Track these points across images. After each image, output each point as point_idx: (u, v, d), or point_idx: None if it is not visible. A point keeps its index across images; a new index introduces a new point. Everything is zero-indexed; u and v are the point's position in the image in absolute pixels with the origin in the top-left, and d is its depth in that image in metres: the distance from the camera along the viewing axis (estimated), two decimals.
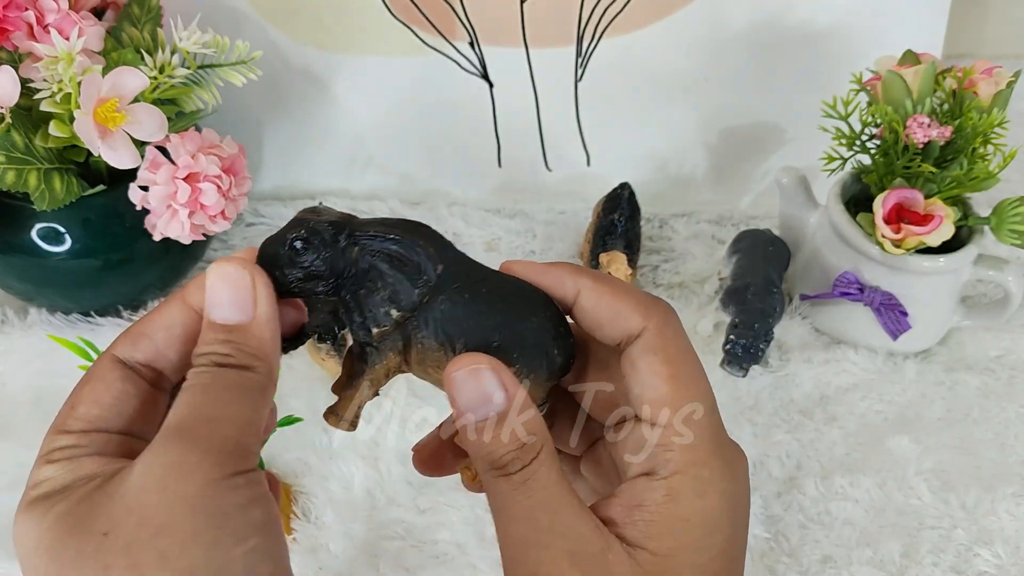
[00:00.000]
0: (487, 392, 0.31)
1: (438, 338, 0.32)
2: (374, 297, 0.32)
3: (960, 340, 0.72)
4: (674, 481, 0.32)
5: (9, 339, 0.68)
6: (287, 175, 0.82)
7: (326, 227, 0.32)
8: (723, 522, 0.32)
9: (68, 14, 0.59)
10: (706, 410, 0.33)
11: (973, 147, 0.62)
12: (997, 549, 0.58)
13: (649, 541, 0.31)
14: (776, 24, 0.77)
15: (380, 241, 0.32)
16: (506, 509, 0.31)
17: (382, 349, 0.32)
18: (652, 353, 0.33)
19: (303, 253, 0.32)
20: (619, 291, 0.34)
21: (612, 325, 0.34)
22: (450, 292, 0.32)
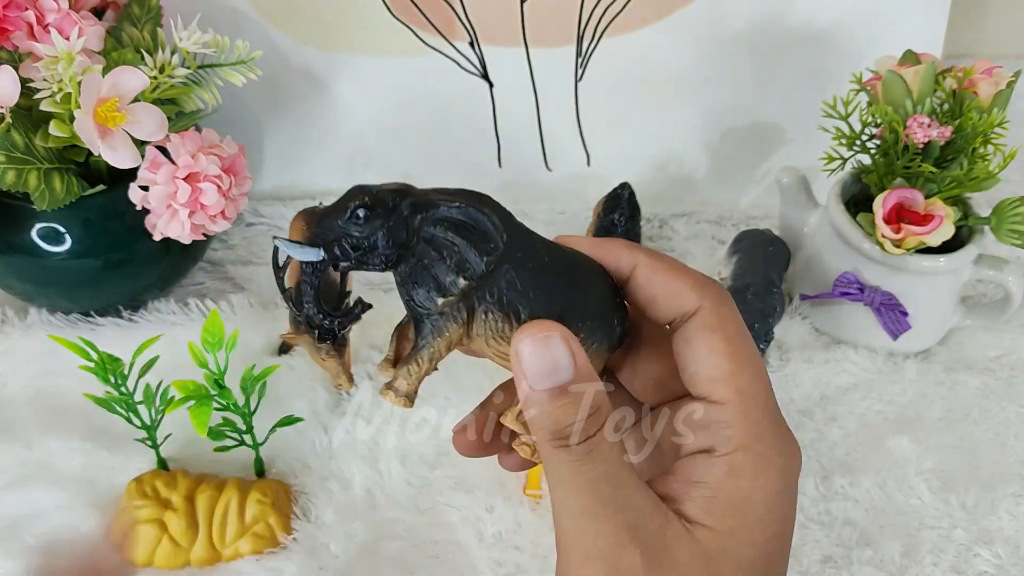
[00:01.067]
0: (556, 360, 0.31)
1: (503, 308, 0.31)
2: (440, 265, 0.31)
3: (960, 340, 0.72)
4: (735, 458, 0.32)
5: (9, 339, 0.68)
6: (287, 175, 0.82)
7: (389, 194, 0.31)
8: (781, 501, 0.32)
9: (68, 14, 0.59)
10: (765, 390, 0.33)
11: (973, 147, 0.62)
12: (997, 549, 0.58)
13: (709, 518, 0.31)
14: (776, 24, 0.77)
15: (445, 208, 0.31)
16: (567, 481, 0.31)
17: (445, 320, 0.31)
18: (710, 331, 0.33)
19: (366, 223, 0.30)
20: (676, 268, 0.34)
21: (667, 302, 0.33)
22: (514, 262, 0.31)
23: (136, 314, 0.70)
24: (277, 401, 0.64)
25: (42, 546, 0.57)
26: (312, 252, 0.31)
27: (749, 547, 0.31)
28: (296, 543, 0.58)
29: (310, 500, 0.60)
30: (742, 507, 0.31)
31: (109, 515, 0.59)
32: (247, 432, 0.59)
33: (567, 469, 0.31)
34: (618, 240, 0.35)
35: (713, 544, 0.31)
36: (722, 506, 0.31)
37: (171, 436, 0.60)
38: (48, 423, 0.63)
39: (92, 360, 0.55)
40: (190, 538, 0.57)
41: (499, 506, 0.59)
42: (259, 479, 0.60)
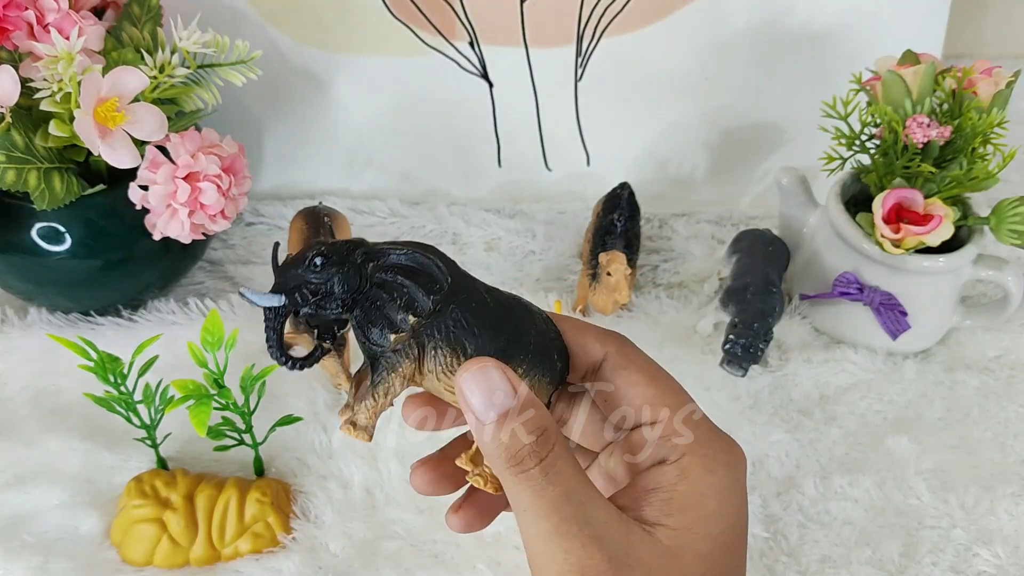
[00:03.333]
0: (495, 388, 0.33)
1: (450, 344, 0.34)
2: (391, 305, 0.34)
3: (959, 340, 0.72)
4: (684, 462, 0.34)
5: (9, 339, 0.68)
6: (287, 175, 0.82)
7: (343, 245, 0.34)
8: (732, 494, 0.35)
9: (68, 14, 0.59)
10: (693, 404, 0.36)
11: (972, 147, 0.62)
12: (996, 549, 0.58)
13: (667, 518, 0.34)
14: (776, 24, 0.77)
15: (394, 255, 0.34)
16: (531, 505, 0.33)
17: (398, 357, 0.34)
18: (623, 368, 0.36)
19: (322, 270, 0.34)
20: (577, 326, 0.37)
21: (576, 356, 0.37)
22: (459, 302, 0.34)
23: (136, 314, 0.70)
24: (276, 400, 0.64)
25: (42, 545, 0.57)
26: (275, 299, 0.34)
27: (706, 539, 0.34)
28: (295, 542, 0.58)
29: (309, 499, 0.60)
30: (695, 503, 0.34)
31: (109, 514, 0.59)
32: (246, 431, 0.59)
33: (529, 495, 0.33)
34: None
35: (673, 541, 0.33)
36: (677, 505, 0.34)
37: (171, 435, 0.60)
38: (48, 422, 0.63)
39: (92, 359, 0.55)
40: (190, 537, 0.57)
41: None
42: (258, 478, 0.60)
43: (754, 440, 0.64)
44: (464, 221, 0.80)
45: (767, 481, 0.62)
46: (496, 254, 0.78)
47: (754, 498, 0.61)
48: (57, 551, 0.57)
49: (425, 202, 0.82)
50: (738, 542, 0.35)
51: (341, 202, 0.80)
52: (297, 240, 0.67)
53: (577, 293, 0.74)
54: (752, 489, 0.62)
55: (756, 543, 0.59)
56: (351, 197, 0.82)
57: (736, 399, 0.67)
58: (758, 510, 0.60)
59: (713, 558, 0.34)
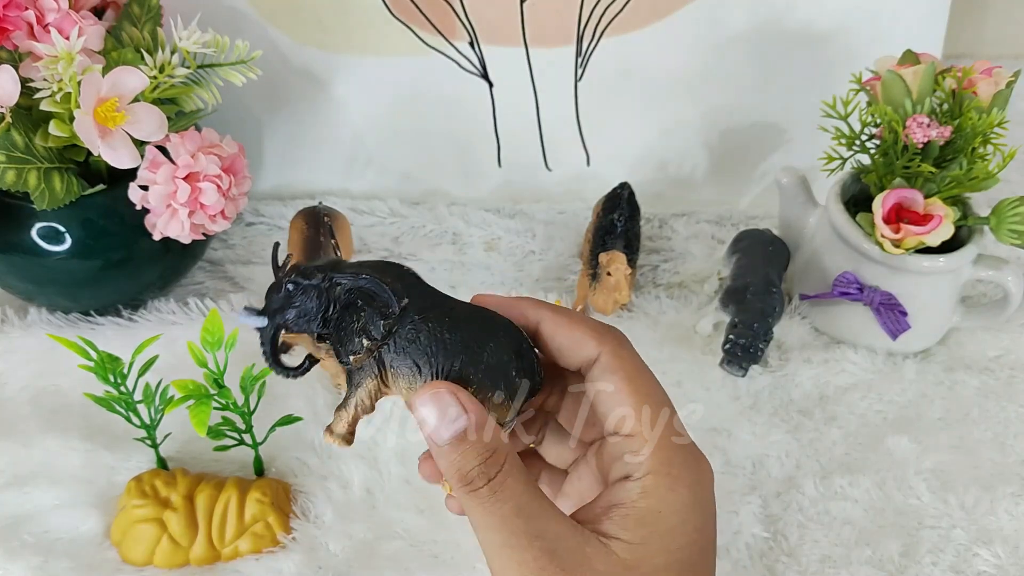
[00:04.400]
0: (447, 411, 0.35)
1: (405, 363, 0.36)
2: (351, 328, 0.37)
3: (959, 340, 0.72)
4: (647, 481, 0.35)
5: (9, 338, 0.68)
6: (287, 175, 0.82)
7: (314, 271, 0.37)
8: (693, 513, 0.35)
9: (68, 13, 0.59)
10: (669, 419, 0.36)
11: (972, 147, 0.62)
12: (996, 549, 0.58)
13: (624, 532, 0.34)
14: (776, 24, 0.77)
15: (353, 280, 0.37)
16: (483, 521, 0.34)
17: (362, 374, 0.37)
18: (611, 373, 0.37)
19: (296, 294, 0.37)
20: (576, 321, 0.38)
21: (571, 351, 0.38)
22: (416, 322, 0.36)
23: (136, 313, 0.70)
24: (276, 400, 0.64)
25: (42, 545, 0.57)
26: (259, 320, 0.37)
27: (662, 553, 0.34)
28: (295, 542, 0.58)
29: (309, 499, 0.60)
30: (653, 520, 0.35)
31: (109, 514, 0.59)
32: (246, 431, 0.59)
33: (480, 511, 0.34)
34: (527, 299, 0.39)
35: (628, 554, 0.34)
36: (634, 520, 0.35)
37: (170, 435, 0.60)
38: (48, 422, 0.63)
39: (92, 359, 0.55)
40: (190, 537, 0.57)
41: None
42: (258, 478, 0.60)
43: (754, 440, 0.64)
44: (464, 221, 0.80)
45: (767, 481, 0.62)
46: (496, 254, 0.78)
47: (754, 498, 0.61)
48: (57, 551, 0.57)
49: (425, 202, 0.82)
50: (701, 559, 0.36)
51: (341, 202, 0.80)
52: (297, 240, 0.67)
53: (577, 293, 0.74)
54: (752, 489, 0.62)
55: (756, 543, 0.59)
56: (351, 197, 0.82)
57: (736, 399, 0.67)
58: (758, 510, 0.60)
59: (670, 572, 0.34)
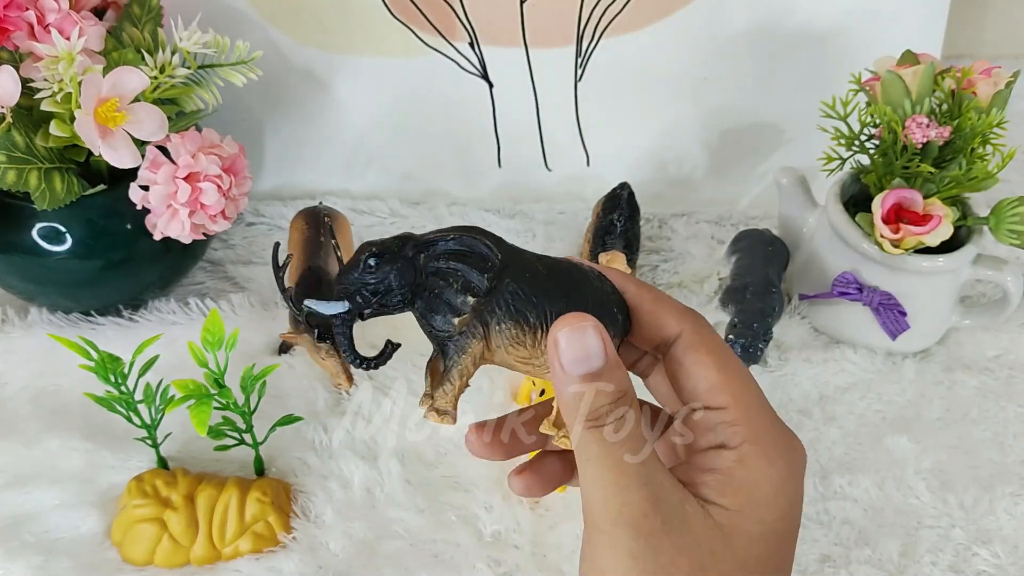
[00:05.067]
0: (589, 349, 0.34)
1: (512, 317, 0.35)
2: (449, 291, 0.35)
3: (959, 340, 0.72)
4: (743, 449, 0.35)
5: (9, 338, 0.68)
6: (287, 175, 0.83)
7: (393, 241, 0.35)
8: (788, 486, 0.35)
9: (69, 14, 0.59)
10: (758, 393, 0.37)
11: (972, 147, 0.63)
12: (995, 548, 0.58)
13: (722, 498, 0.34)
14: (776, 24, 0.77)
15: (442, 243, 0.35)
16: (597, 456, 0.34)
17: (465, 338, 0.35)
18: (695, 349, 0.36)
19: (377, 270, 0.35)
20: (658, 297, 0.37)
21: (652, 327, 0.37)
22: (517, 275, 0.35)
23: (136, 313, 0.70)
24: (277, 400, 0.64)
25: (43, 545, 0.57)
26: (338, 305, 0.35)
27: (758, 524, 0.35)
28: (295, 542, 0.58)
29: (310, 499, 0.60)
30: (750, 489, 0.35)
31: (109, 514, 0.59)
32: (247, 431, 0.59)
33: (598, 446, 0.34)
34: (611, 269, 0.38)
35: (725, 520, 0.34)
36: (733, 488, 0.35)
37: (171, 435, 0.60)
38: (48, 422, 0.63)
39: (92, 359, 0.55)
40: (190, 537, 0.57)
41: (498, 505, 0.60)
42: (259, 478, 0.61)
43: None
44: (464, 221, 0.80)
45: None
46: None
47: None
48: (58, 551, 0.57)
49: (425, 202, 0.82)
50: (790, 533, 0.36)
51: (341, 202, 0.80)
52: (297, 240, 0.67)
53: None
54: None
55: None
56: (351, 197, 0.82)
57: None
58: None
59: (764, 543, 0.35)
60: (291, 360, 0.67)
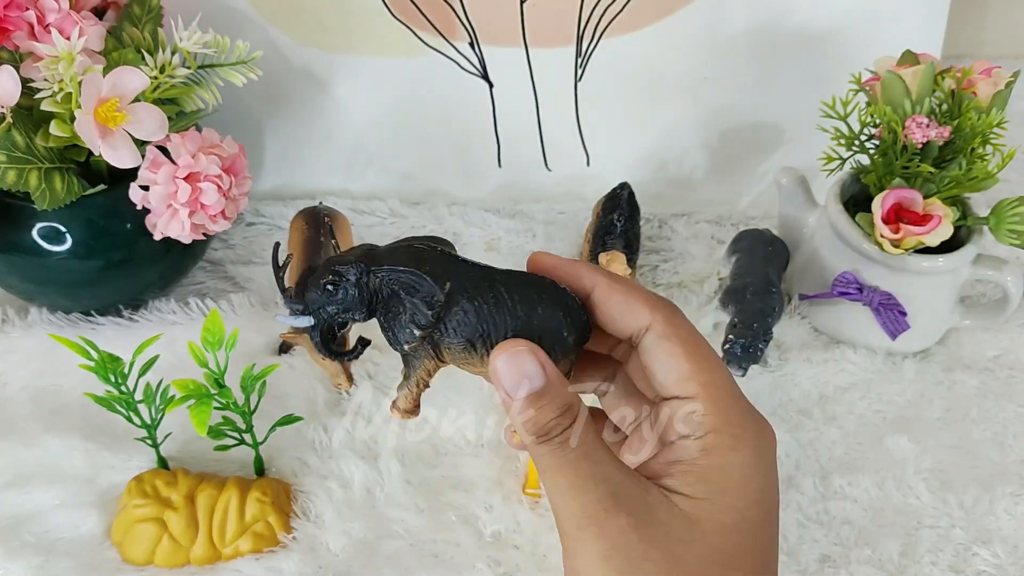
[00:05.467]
0: (526, 370, 0.35)
1: (459, 342, 0.37)
2: (400, 319, 0.38)
3: (959, 340, 0.72)
4: (708, 439, 0.35)
5: (9, 338, 0.68)
6: (287, 175, 0.83)
7: (349, 268, 0.38)
8: (757, 472, 0.35)
9: (69, 14, 0.59)
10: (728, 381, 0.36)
11: (972, 147, 0.63)
12: (995, 548, 0.59)
13: (686, 487, 0.35)
14: (776, 24, 0.77)
15: (393, 273, 0.37)
16: (552, 466, 0.35)
17: (418, 356, 0.38)
18: (666, 339, 0.36)
19: (335, 293, 0.38)
20: (629, 289, 0.38)
21: (623, 319, 0.37)
22: (462, 302, 0.37)
23: (136, 313, 0.70)
24: (277, 400, 0.64)
25: (43, 545, 0.57)
26: (305, 320, 0.39)
27: (728, 511, 0.34)
28: (296, 542, 0.58)
29: (309, 499, 0.60)
30: (716, 476, 0.35)
31: (109, 514, 0.59)
32: (247, 431, 0.59)
33: (550, 457, 0.35)
34: (582, 263, 0.39)
35: (691, 508, 0.34)
36: (696, 476, 0.35)
37: (171, 435, 0.60)
38: (48, 422, 0.63)
39: (92, 359, 0.55)
40: (190, 537, 0.57)
41: (498, 505, 0.60)
42: (259, 478, 0.61)
43: None
44: (464, 221, 0.80)
45: None
46: (496, 254, 0.78)
47: None
48: (58, 551, 0.57)
49: (425, 202, 0.82)
50: (765, 521, 0.36)
51: (341, 202, 0.80)
52: (297, 240, 0.67)
53: None
54: None
55: None
56: (351, 197, 0.82)
57: None
58: None
59: (738, 532, 0.34)
60: (291, 360, 0.68)
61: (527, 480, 0.61)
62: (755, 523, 0.35)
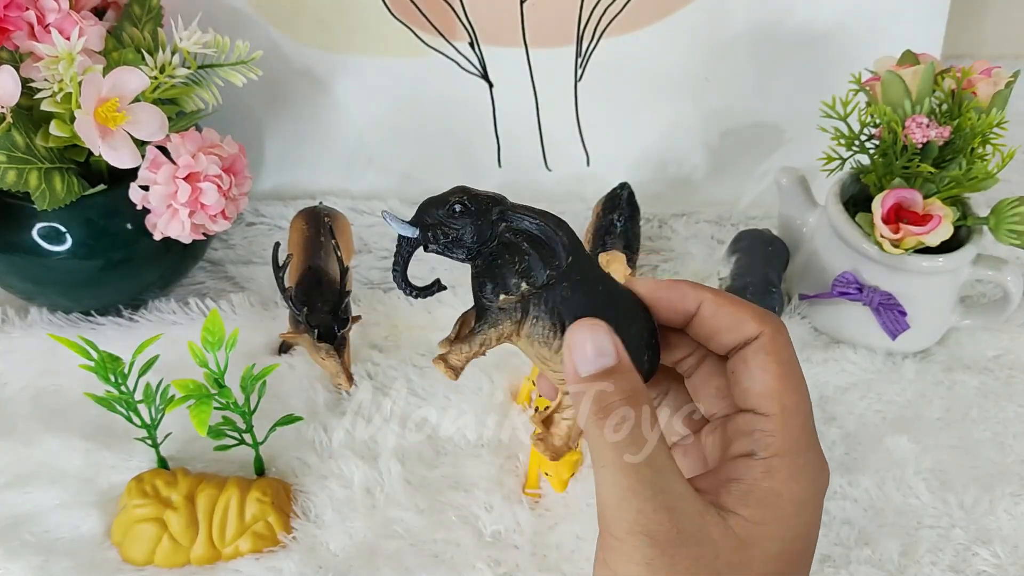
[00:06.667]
0: (601, 346, 0.35)
1: (552, 318, 0.35)
2: (510, 268, 0.35)
3: (959, 340, 0.72)
4: (772, 462, 0.35)
5: (9, 338, 0.68)
6: (287, 175, 0.83)
7: (484, 198, 0.36)
8: (809, 507, 0.35)
9: (69, 14, 0.59)
10: (807, 412, 0.36)
11: (972, 147, 0.63)
12: (995, 548, 0.59)
13: (744, 508, 0.34)
14: (776, 24, 0.77)
15: (527, 222, 0.36)
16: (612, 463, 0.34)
17: (502, 315, 0.36)
18: (765, 353, 0.36)
19: (459, 217, 0.35)
20: (739, 302, 0.38)
21: (731, 330, 0.37)
22: (573, 282, 0.36)
23: (136, 313, 0.70)
24: (277, 400, 0.64)
25: (43, 545, 0.57)
26: (410, 229, 0.36)
27: (777, 541, 0.34)
28: (296, 542, 0.58)
29: (310, 499, 0.60)
30: (774, 502, 0.34)
31: (109, 514, 0.59)
32: (247, 431, 0.59)
33: (612, 452, 0.34)
34: (685, 281, 0.38)
35: (744, 531, 0.34)
36: (755, 499, 0.34)
37: (171, 435, 0.60)
38: (48, 422, 0.63)
39: (92, 359, 0.55)
40: (190, 537, 0.57)
41: (498, 505, 0.60)
42: (259, 478, 0.61)
43: None
44: None
45: None
46: None
47: None
48: (58, 550, 0.57)
49: None
50: (806, 555, 0.36)
51: (341, 202, 0.80)
52: (297, 240, 0.67)
53: None
54: None
55: None
56: (351, 197, 0.82)
57: None
58: None
59: (780, 561, 0.34)
60: (291, 360, 0.68)
61: (527, 480, 0.61)
62: (796, 555, 0.35)
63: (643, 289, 0.38)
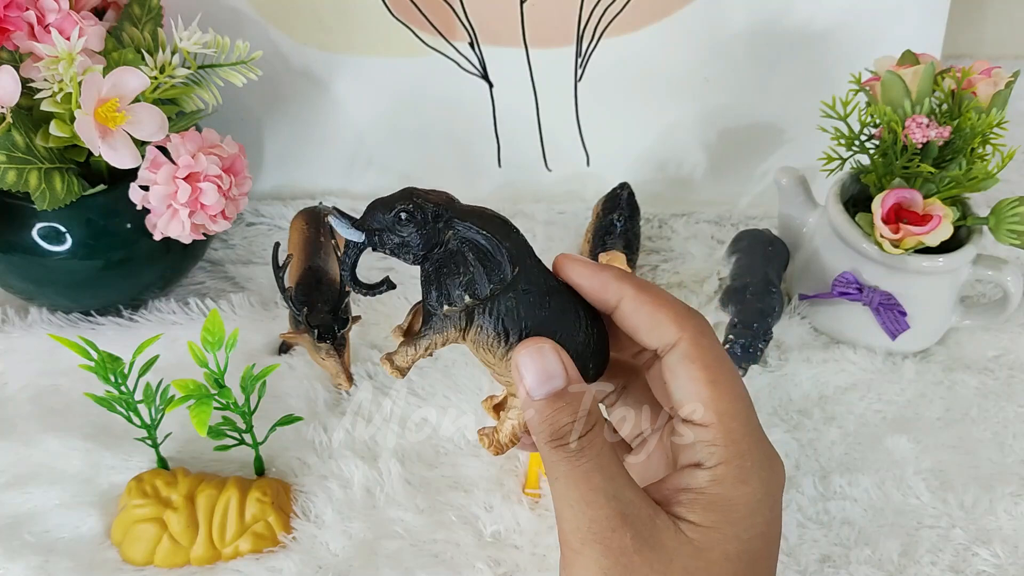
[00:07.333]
0: (550, 369, 0.35)
1: (496, 328, 0.36)
2: (453, 279, 0.36)
3: (959, 340, 0.72)
4: (718, 470, 0.35)
5: (9, 338, 0.68)
6: (287, 175, 0.83)
7: (430, 207, 0.36)
8: (763, 506, 0.35)
9: (69, 14, 0.59)
10: (745, 411, 0.36)
11: (972, 147, 0.63)
12: (995, 548, 0.58)
13: (693, 515, 0.34)
14: (776, 24, 0.77)
15: (473, 232, 0.36)
16: (564, 475, 0.34)
17: (446, 322, 0.36)
18: (690, 360, 0.36)
19: (405, 224, 0.36)
20: (658, 301, 0.37)
21: (649, 333, 0.37)
22: (518, 293, 0.36)
23: (136, 313, 0.70)
24: (277, 400, 0.64)
25: (43, 545, 0.57)
26: (356, 234, 0.36)
27: (734, 541, 0.34)
28: (296, 542, 0.58)
29: (310, 499, 0.60)
30: (724, 507, 0.34)
31: (109, 514, 0.59)
32: (247, 431, 0.59)
33: (564, 464, 0.34)
34: (611, 269, 0.37)
35: (697, 536, 0.34)
36: (705, 505, 0.34)
37: (171, 435, 0.60)
38: (48, 422, 0.63)
39: (92, 359, 0.55)
40: (190, 537, 0.57)
41: (497, 505, 0.60)
42: (259, 478, 0.61)
43: None
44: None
45: None
46: None
47: None
48: (58, 551, 0.57)
49: None
50: (768, 553, 0.36)
51: (341, 202, 0.80)
52: (297, 240, 0.67)
53: None
54: None
55: None
56: (351, 197, 0.82)
57: None
58: None
59: (740, 562, 0.34)
60: (291, 360, 0.68)
61: (527, 480, 0.61)
62: (757, 554, 0.35)
63: (572, 274, 0.37)
